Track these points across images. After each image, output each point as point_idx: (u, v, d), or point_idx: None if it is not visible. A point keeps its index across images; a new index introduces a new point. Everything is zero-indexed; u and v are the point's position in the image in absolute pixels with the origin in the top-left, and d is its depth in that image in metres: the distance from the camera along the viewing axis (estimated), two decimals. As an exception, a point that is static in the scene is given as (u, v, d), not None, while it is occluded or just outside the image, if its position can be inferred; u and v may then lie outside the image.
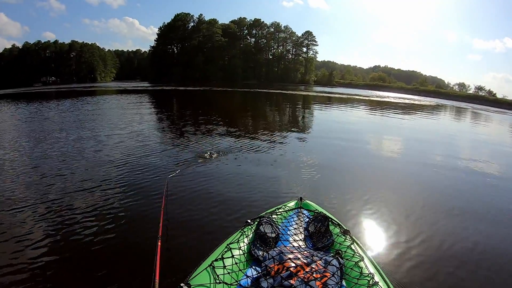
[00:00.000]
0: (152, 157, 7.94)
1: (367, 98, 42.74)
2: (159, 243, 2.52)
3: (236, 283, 2.07)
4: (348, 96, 44.16)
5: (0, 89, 50.29)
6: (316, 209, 3.17)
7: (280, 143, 10.30)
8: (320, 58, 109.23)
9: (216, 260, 2.18)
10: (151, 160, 7.70)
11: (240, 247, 2.43)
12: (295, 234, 2.79)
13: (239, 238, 2.53)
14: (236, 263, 2.23)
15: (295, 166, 7.60)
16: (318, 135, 12.55)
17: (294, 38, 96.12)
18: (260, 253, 2.42)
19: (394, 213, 5.18)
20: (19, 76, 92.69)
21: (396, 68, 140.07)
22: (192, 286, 1.89)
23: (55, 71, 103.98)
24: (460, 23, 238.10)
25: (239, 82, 73.89)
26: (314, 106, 27.50)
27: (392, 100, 42.66)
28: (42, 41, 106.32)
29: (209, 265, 2.10)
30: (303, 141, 11.20)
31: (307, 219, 3.02)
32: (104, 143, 9.61)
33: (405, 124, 18.61)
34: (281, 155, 8.64)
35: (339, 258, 2.20)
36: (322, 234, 2.71)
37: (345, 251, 2.36)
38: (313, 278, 1.94)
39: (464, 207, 5.81)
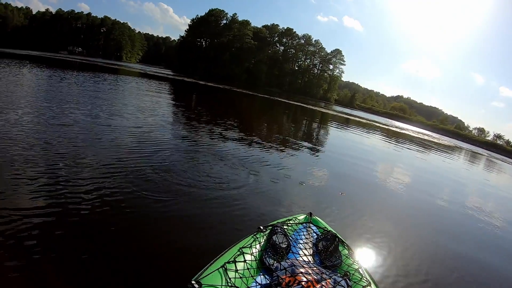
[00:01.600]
0: (159, 150, 7.50)
1: (385, 126, 41.83)
2: None
3: None
4: (367, 121, 43.61)
5: (28, 50, 50.87)
6: (325, 227, 3.21)
7: (294, 155, 10.28)
8: (345, 78, 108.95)
9: (228, 262, 2.18)
10: (159, 153, 7.29)
11: (252, 252, 2.43)
12: (304, 249, 2.79)
13: (251, 243, 2.54)
14: (247, 268, 2.24)
15: (305, 180, 7.56)
16: (331, 153, 12.64)
17: (322, 53, 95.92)
18: (272, 262, 2.44)
19: (401, 244, 5.32)
20: (47, 40, 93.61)
21: (418, 102, 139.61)
22: (203, 285, 1.88)
23: (83, 42, 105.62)
24: (489, 67, 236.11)
25: (262, 87, 73.74)
26: (332, 125, 27.28)
27: (411, 133, 42.41)
28: (76, 11, 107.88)
29: (221, 266, 2.10)
30: (316, 156, 11.16)
31: (316, 235, 3.05)
32: (117, 125, 9.23)
33: (419, 159, 18.56)
34: (291, 168, 8.45)
35: (347, 279, 2.18)
36: (330, 252, 2.72)
37: (353, 274, 2.38)
38: None
39: (461, 249, 5.96)
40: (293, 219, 3.28)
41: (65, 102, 10.92)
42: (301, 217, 3.38)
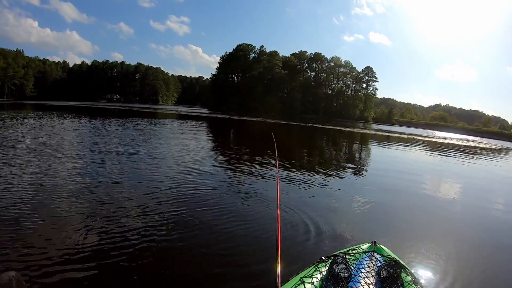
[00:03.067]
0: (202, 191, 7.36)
1: (427, 139, 40.33)
2: (279, 211, 2.62)
3: None
4: (408, 136, 42.51)
5: (69, 101, 53.79)
6: (389, 255, 3.08)
7: (343, 181, 10.07)
8: (379, 94, 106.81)
9: None
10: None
11: (313, 282, 2.43)
12: (366, 277, 2.68)
13: (312, 273, 2.53)
14: None
15: (359, 206, 7.39)
16: (376, 173, 12.28)
17: (354, 73, 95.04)
18: None
19: (463, 264, 4.98)
20: (86, 91, 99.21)
21: (457, 107, 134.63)
22: None
23: (119, 89, 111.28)
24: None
25: (297, 115, 73.48)
26: (373, 144, 26.56)
27: (454, 141, 40.85)
28: (110, 61, 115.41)
29: None
30: (361, 181, 10.71)
31: (379, 264, 2.91)
32: (157, 162, 9.75)
33: (467, 167, 17.73)
34: (339, 195, 8.22)
35: None
36: (393, 280, 2.59)
37: None
38: None
39: None
40: (356, 248, 3.22)
41: (107, 149, 11.37)
42: (365, 246, 3.31)
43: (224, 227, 5.07)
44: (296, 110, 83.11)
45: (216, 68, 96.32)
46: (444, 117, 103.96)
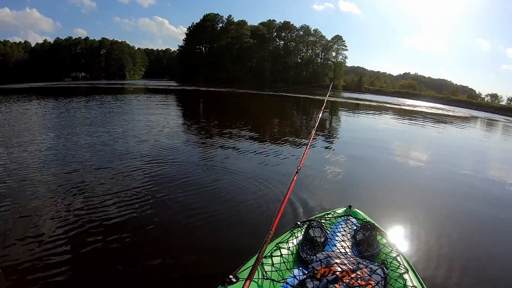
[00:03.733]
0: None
1: (397, 106, 41.24)
2: (296, 176, 2.63)
3: (283, 281, 2.09)
4: (378, 103, 43.35)
5: (32, 83, 51.46)
6: (365, 218, 3.15)
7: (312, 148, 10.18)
8: (349, 63, 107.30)
9: (265, 257, 2.20)
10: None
11: (289, 247, 2.46)
12: (342, 241, 2.76)
13: (288, 238, 2.57)
14: (284, 262, 2.26)
15: (331, 171, 7.69)
16: (347, 140, 12.77)
17: (323, 42, 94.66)
18: (308, 255, 2.43)
19: (437, 225, 5.29)
20: (50, 70, 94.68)
21: (426, 76, 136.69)
22: (240, 279, 1.91)
23: (85, 67, 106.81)
24: (494, 31, 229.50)
25: (267, 84, 73.24)
26: (343, 112, 27.34)
27: (423, 109, 41.83)
28: (73, 37, 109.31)
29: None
30: (333, 149, 10.86)
31: (355, 227, 2.98)
32: (130, 138, 9.75)
33: (436, 134, 18.37)
34: (312, 162, 8.40)
35: (384, 268, 2.17)
36: (369, 243, 2.66)
37: (390, 262, 2.35)
38: (357, 285, 1.95)
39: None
40: (332, 213, 3.27)
41: (75, 127, 11.11)
42: (340, 210, 3.37)
43: (200, 204, 5.06)
44: (266, 80, 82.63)
45: (183, 40, 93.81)
46: (413, 85, 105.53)
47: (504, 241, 5.11)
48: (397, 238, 4.36)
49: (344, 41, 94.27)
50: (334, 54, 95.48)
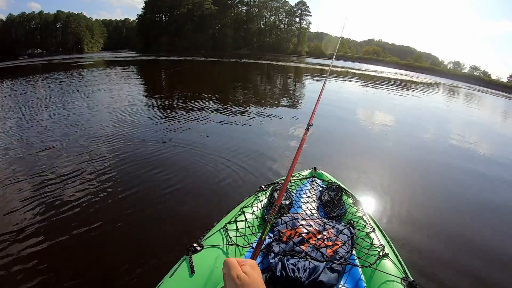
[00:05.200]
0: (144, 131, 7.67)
1: (361, 72, 41.25)
2: (307, 132, 2.44)
3: (249, 245, 2.10)
4: (342, 69, 42.55)
5: None
6: (330, 179, 3.19)
7: (277, 116, 10.12)
8: (314, 29, 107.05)
9: (229, 222, 2.20)
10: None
11: (254, 211, 2.44)
12: (308, 202, 2.79)
13: (252, 202, 2.56)
14: (249, 227, 2.26)
15: (294, 138, 7.65)
16: (310, 106, 12.21)
17: (287, 7, 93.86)
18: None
19: (401, 185, 5.53)
20: (4, 49, 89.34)
21: (390, 43, 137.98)
22: (205, 247, 1.92)
23: (41, 43, 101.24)
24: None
25: (230, 52, 72.22)
26: (307, 78, 26.81)
27: (388, 75, 41.64)
28: (27, 13, 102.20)
29: (223, 227, 2.14)
30: (298, 113, 11.01)
31: (321, 188, 3.03)
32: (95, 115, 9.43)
33: (401, 99, 18.53)
34: (282, 126, 8.80)
35: (350, 227, 2.21)
36: (334, 203, 2.70)
37: (357, 222, 2.38)
38: (324, 245, 1.97)
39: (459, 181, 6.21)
40: (297, 175, 3.27)
41: (34, 109, 10.43)
42: (305, 172, 3.37)
43: (162, 180, 4.98)
44: (228, 47, 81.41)
45: (142, 8, 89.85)
46: (377, 51, 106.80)
47: (463, 197, 5.43)
48: (363, 199, 4.12)
49: (308, 6, 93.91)
50: (298, 20, 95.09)
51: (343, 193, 2.82)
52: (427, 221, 4.34)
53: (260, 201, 2.60)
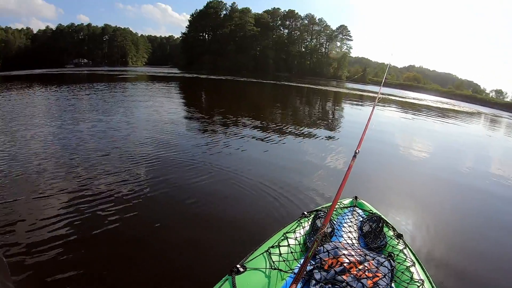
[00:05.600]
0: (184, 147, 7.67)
1: (401, 99, 40.50)
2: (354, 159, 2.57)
3: (290, 271, 2.11)
4: (382, 95, 41.72)
5: (34, 69, 51.18)
6: (371, 210, 3.14)
7: (316, 140, 10.12)
8: (354, 54, 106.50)
9: (272, 246, 2.20)
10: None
11: (296, 237, 2.45)
12: (349, 232, 2.73)
13: (295, 228, 2.55)
14: (291, 252, 2.25)
15: (342, 165, 7.49)
16: (350, 133, 12.10)
17: (328, 31, 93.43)
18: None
19: (444, 219, 5.26)
20: (52, 57, 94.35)
21: (431, 69, 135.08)
22: (247, 269, 1.94)
23: (87, 53, 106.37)
24: (499, 26, 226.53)
25: (270, 73, 72.80)
26: (346, 103, 26.44)
27: (428, 103, 40.92)
28: (76, 24, 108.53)
29: (266, 251, 2.14)
30: (336, 138, 10.86)
31: (361, 219, 2.97)
32: (133, 127, 9.59)
33: (441, 128, 18.08)
34: (322, 151, 8.65)
35: (391, 260, 2.16)
36: (375, 235, 2.64)
37: (397, 255, 2.34)
38: (365, 276, 1.94)
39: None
40: (338, 203, 3.14)
41: (77, 115, 10.91)
42: (346, 201, 3.33)
43: (203, 196, 4.99)
44: (269, 68, 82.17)
45: (186, 27, 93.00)
46: (417, 78, 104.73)
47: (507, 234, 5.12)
48: (404, 231, 4.23)
49: (349, 31, 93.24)
50: (338, 44, 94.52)
51: (384, 225, 2.76)
52: (471, 265, 4.02)
53: (302, 227, 2.60)
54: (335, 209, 3.01)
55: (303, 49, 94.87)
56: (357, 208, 3.19)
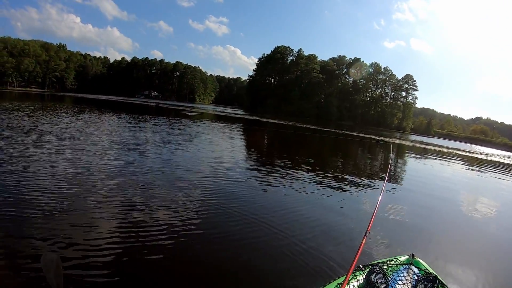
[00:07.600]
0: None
1: (467, 154, 37.56)
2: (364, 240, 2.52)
3: None
4: (447, 149, 39.76)
5: (107, 95, 55.10)
6: (427, 269, 3.04)
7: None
8: (419, 104, 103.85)
9: None
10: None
11: None
12: None
13: (349, 281, 2.52)
14: None
15: (401, 221, 7.26)
16: (412, 188, 11.64)
17: (393, 80, 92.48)
18: None
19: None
20: (125, 86, 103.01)
21: (499, 122, 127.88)
22: None
23: (158, 86, 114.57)
24: None
25: (333, 121, 72.41)
26: (409, 156, 25.34)
27: (496, 158, 37.76)
28: (150, 58, 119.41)
29: None
30: (397, 194, 10.29)
31: (417, 277, 2.86)
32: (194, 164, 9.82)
33: (508, 187, 16.65)
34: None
35: None
36: None
37: None
38: None
39: None
40: (394, 259, 3.22)
41: (143, 143, 11.99)
42: (403, 258, 3.32)
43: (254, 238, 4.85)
44: (333, 116, 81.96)
45: (253, 70, 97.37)
46: (485, 131, 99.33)
47: None
48: None
49: (414, 80, 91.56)
50: (403, 94, 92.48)
51: (440, 286, 2.66)
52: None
53: (357, 280, 2.60)
54: (390, 266, 3.05)
55: (368, 98, 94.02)
56: (412, 266, 3.13)
